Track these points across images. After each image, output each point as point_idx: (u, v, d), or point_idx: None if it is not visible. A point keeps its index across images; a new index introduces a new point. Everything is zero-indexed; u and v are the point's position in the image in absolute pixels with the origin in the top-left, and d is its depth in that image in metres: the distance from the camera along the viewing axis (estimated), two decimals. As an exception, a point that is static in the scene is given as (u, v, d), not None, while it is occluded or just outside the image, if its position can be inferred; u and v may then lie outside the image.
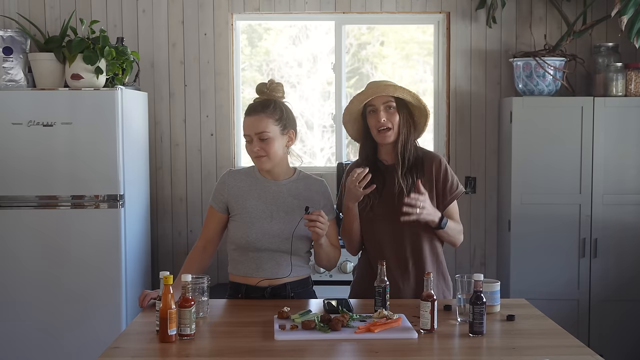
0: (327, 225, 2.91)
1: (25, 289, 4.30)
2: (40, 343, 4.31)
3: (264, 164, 2.99)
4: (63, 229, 4.28)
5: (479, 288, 2.56)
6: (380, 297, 2.76)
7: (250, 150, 2.99)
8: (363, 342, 2.49)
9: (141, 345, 2.51)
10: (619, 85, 4.59)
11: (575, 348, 2.50)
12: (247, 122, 2.98)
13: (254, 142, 2.96)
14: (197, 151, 5.00)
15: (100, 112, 4.24)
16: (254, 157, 3.00)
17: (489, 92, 4.97)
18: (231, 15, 4.95)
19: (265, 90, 3.01)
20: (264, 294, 3.02)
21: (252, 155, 2.99)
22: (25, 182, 4.27)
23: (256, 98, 3.04)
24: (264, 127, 2.94)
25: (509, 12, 4.90)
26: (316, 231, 2.87)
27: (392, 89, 3.02)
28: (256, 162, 3.01)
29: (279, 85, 3.04)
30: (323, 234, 2.90)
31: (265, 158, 2.97)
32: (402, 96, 3.03)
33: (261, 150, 2.95)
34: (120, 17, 4.89)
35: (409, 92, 3.04)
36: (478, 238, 5.05)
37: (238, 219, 3.03)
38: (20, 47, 4.36)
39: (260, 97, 3.03)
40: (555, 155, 4.60)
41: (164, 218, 5.03)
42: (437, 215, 2.99)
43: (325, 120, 5.23)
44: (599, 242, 4.62)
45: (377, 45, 5.25)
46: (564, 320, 3.44)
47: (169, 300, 2.47)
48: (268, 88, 3.01)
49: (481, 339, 2.54)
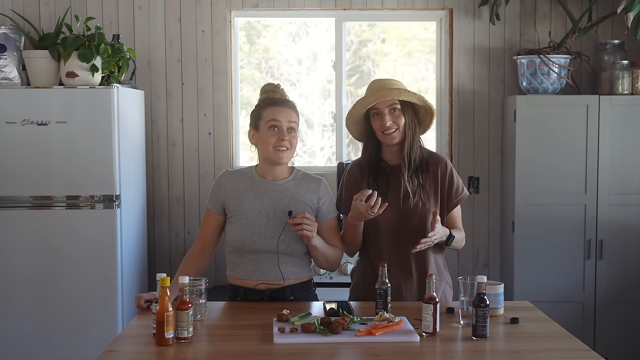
0: (315, 226, 2.89)
1: (19, 292, 4.29)
2: (34, 346, 4.29)
3: (285, 157, 2.98)
4: (58, 230, 4.27)
5: (482, 290, 2.56)
6: (382, 300, 2.75)
7: (276, 140, 2.94)
8: (364, 346, 2.49)
9: (138, 348, 2.51)
10: (625, 83, 4.58)
11: (581, 351, 2.49)
12: (279, 110, 2.96)
13: (282, 131, 2.93)
14: (195, 151, 4.97)
15: (96, 110, 4.24)
16: (277, 148, 2.95)
17: (493, 91, 4.96)
18: (229, 12, 4.95)
19: (278, 91, 3.05)
20: (262, 296, 3.00)
21: (277, 145, 2.95)
22: (20, 182, 4.26)
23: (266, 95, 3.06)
24: (295, 119, 2.99)
25: (512, 9, 4.89)
26: (304, 234, 2.86)
27: (396, 93, 3.00)
28: (277, 154, 2.96)
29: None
30: (312, 235, 2.88)
31: (288, 152, 2.97)
32: (408, 99, 3.02)
33: (287, 142, 2.94)
34: (116, 14, 4.88)
35: (413, 95, 3.02)
36: (481, 239, 5.03)
37: (235, 220, 3.01)
38: (14, 44, 4.36)
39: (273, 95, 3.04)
40: (560, 154, 4.59)
41: (161, 219, 5.02)
42: (446, 234, 3.01)
43: (325, 119, 5.24)
44: (604, 243, 4.60)
45: (378, 42, 5.26)
46: (569, 323, 3.51)
47: (166, 302, 2.47)
48: (279, 90, 3.06)
49: (484, 343, 2.54)
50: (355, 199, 2.90)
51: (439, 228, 2.94)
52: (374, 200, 2.85)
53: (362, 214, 2.89)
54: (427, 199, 3.05)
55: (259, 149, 3.03)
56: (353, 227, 3.02)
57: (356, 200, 2.89)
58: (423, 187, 3.05)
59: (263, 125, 2.97)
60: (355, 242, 3.10)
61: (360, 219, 2.95)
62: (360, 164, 3.14)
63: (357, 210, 2.89)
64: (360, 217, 2.92)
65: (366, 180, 3.06)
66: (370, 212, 2.85)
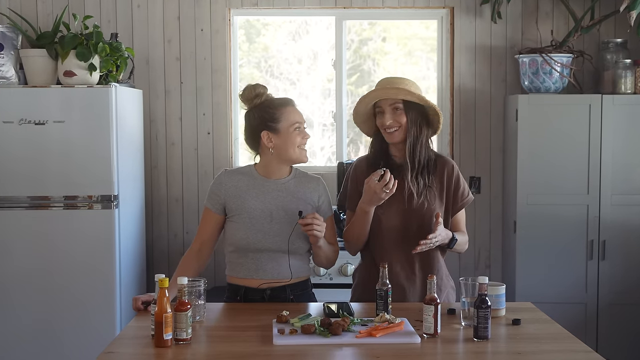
0: (324, 226, 2.89)
1: (17, 293, 4.27)
2: (31, 348, 4.28)
3: (307, 157, 3.05)
4: (55, 231, 4.26)
5: (483, 291, 2.55)
6: (382, 301, 2.74)
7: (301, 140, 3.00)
8: (364, 347, 2.48)
9: (136, 350, 2.50)
10: (627, 82, 4.57)
11: (583, 353, 2.48)
12: (295, 111, 3.03)
13: (304, 131, 3.02)
14: (194, 150, 4.96)
15: (94, 110, 4.23)
16: (302, 148, 3.03)
17: (494, 90, 4.95)
18: (228, 10, 4.93)
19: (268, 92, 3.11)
20: (263, 296, 3.00)
21: (302, 144, 3.02)
22: (17, 182, 4.25)
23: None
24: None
25: (514, 7, 4.87)
26: (314, 234, 2.87)
27: (394, 92, 2.99)
28: (303, 153, 3.03)
29: None
30: (321, 235, 2.89)
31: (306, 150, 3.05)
32: (405, 98, 3.00)
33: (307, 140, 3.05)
34: (114, 13, 4.87)
35: (414, 95, 3.00)
36: (483, 240, 5.02)
37: (237, 219, 3.00)
38: (11, 43, 4.36)
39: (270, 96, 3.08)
40: (562, 154, 4.58)
41: (159, 219, 5.01)
42: (448, 237, 2.99)
43: (325, 119, 5.23)
44: (607, 244, 4.59)
45: (378, 41, 5.25)
46: (571, 324, 3.48)
47: (165, 303, 2.46)
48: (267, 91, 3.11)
49: (486, 344, 2.53)
50: (367, 182, 2.89)
51: (440, 230, 2.92)
52: (387, 177, 2.84)
53: (376, 193, 2.86)
54: (433, 200, 3.04)
55: (277, 151, 2.98)
56: (364, 215, 2.97)
57: (369, 182, 2.88)
58: (429, 188, 3.04)
59: (285, 127, 2.96)
60: (361, 235, 3.05)
61: (374, 201, 2.91)
62: (368, 158, 3.13)
63: (372, 190, 2.87)
64: (374, 198, 2.89)
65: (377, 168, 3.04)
66: (385, 190, 2.84)
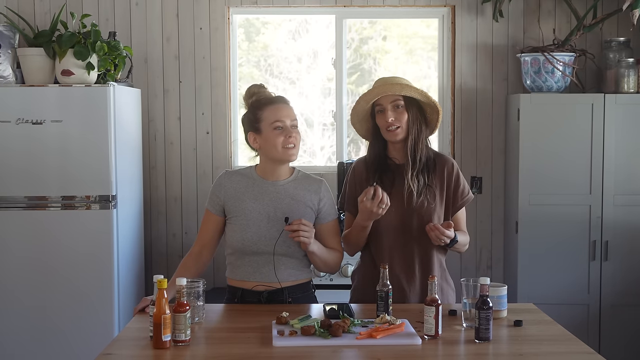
0: (312, 232, 2.86)
1: (14, 294, 4.27)
2: (28, 348, 4.27)
3: (294, 155, 2.96)
4: (53, 231, 4.26)
5: (485, 292, 2.55)
6: (383, 302, 2.73)
7: (284, 139, 2.92)
8: (365, 349, 2.48)
9: (134, 351, 2.50)
10: (630, 81, 4.56)
11: (585, 355, 2.48)
12: (279, 109, 2.95)
13: (288, 129, 2.93)
14: (192, 150, 4.95)
15: (92, 109, 4.23)
16: (286, 147, 2.93)
17: (496, 89, 4.94)
18: (228, 8, 4.92)
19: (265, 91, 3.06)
20: (260, 298, 2.98)
21: (286, 144, 2.92)
22: (14, 182, 4.25)
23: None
24: (294, 115, 2.99)
25: (516, 6, 4.86)
26: (301, 240, 2.83)
27: (398, 88, 2.99)
28: (287, 152, 2.94)
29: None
30: (309, 241, 2.85)
31: (295, 149, 2.95)
32: (410, 94, 2.99)
33: (294, 139, 2.94)
34: (112, 11, 4.86)
35: (416, 90, 3.00)
36: (484, 240, 5.00)
37: (235, 221, 2.99)
38: (9, 41, 4.36)
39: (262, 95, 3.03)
40: (565, 154, 4.57)
41: (158, 219, 4.99)
42: (451, 236, 2.97)
43: (325, 118, 5.22)
44: (609, 245, 4.58)
45: (379, 40, 5.24)
46: (573, 325, 3.51)
47: (163, 305, 2.46)
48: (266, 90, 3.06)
49: (487, 345, 2.53)
50: (360, 201, 2.87)
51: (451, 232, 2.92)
52: (379, 193, 2.82)
53: (373, 212, 2.85)
54: (433, 199, 3.03)
55: (263, 152, 2.98)
56: (362, 229, 2.99)
57: (362, 202, 2.86)
58: (429, 187, 3.03)
59: (266, 126, 2.93)
60: (359, 242, 3.06)
61: (372, 217, 2.91)
62: (366, 161, 3.12)
63: (367, 210, 2.86)
64: (371, 215, 2.89)
65: (371, 178, 3.03)
66: (380, 207, 2.82)
